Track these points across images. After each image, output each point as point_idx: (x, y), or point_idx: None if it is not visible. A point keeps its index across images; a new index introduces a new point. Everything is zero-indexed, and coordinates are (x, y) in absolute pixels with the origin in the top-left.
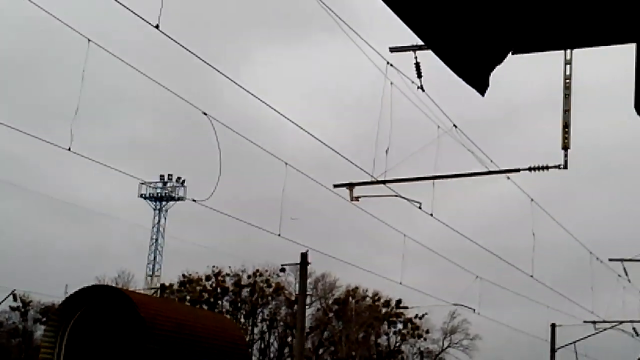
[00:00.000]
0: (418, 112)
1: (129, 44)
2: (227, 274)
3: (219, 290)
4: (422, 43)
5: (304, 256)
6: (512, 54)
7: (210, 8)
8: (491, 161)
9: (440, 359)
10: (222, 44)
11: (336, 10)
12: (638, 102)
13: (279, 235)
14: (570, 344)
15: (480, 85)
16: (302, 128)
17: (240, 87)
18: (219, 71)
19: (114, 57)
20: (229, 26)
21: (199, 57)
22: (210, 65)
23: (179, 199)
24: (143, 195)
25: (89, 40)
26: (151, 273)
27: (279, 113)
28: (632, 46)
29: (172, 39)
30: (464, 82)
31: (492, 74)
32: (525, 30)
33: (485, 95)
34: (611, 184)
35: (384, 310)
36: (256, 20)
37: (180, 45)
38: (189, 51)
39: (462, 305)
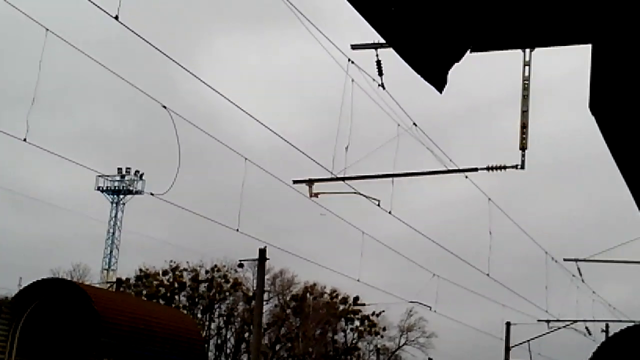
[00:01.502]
0: (378, 109)
1: (88, 35)
2: (185, 269)
3: (176, 285)
4: (384, 41)
5: (262, 252)
6: (471, 52)
7: (171, 0)
8: (450, 160)
9: (397, 356)
10: (182, 35)
11: (298, 4)
12: (593, 102)
13: (237, 230)
14: (525, 342)
15: (438, 82)
16: (261, 123)
17: (200, 80)
18: (178, 64)
19: (72, 47)
20: (189, 18)
21: (158, 49)
22: (169, 57)
23: (137, 192)
24: (100, 188)
25: (47, 29)
26: (107, 267)
27: (238, 107)
28: (588, 47)
29: (131, 30)
30: (422, 80)
31: (450, 72)
32: (483, 28)
33: (443, 92)
34: (567, 184)
35: (341, 307)
36: (217, 12)
37: (140, 36)
38: (149, 43)
39: (419, 302)
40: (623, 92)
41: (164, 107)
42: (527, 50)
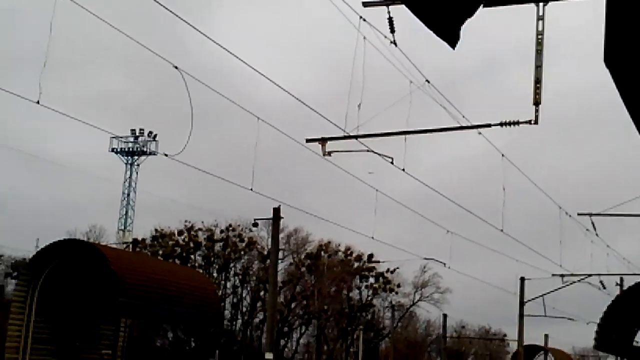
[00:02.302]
0: (391, 67)
1: None
2: (200, 229)
3: (191, 245)
4: None
5: (276, 211)
6: (483, 6)
7: None
8: (463, 116)
9: (412, 312)
10: None
11: None
12: (608, 55)
13: (251, 189)
14: (539, 297)
15: (451, 38)
16: (273, 82)
17: (211, 39)
18: (188, 23)
19: (83, 8)
20: None
21: (168, 9)
22: (180, 17)
23: (151, 153)
24: (114, 150)
25: None
26: (123, 228)
27: (249, 66)
28: (603, 0)
29: None
30: (435, 36)
31: (463, 27)
32: None
33: (455, 48)
34: (581, 139)
35: (355, 264)
36: None
37: None
38: (159, 3)
39: (433, 259)
40: (638, 45)
41: (175, 67)
42: (541, 4)
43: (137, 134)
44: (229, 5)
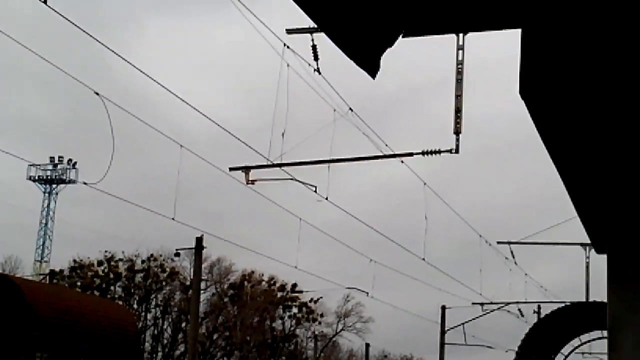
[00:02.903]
0: (315, 94)
1: (18, 20)
2: (120, 259)
3: (111, 275)
4: None
5: (198, 240)
6: (403, 36)
7: None
8: (386, 145)
9: (334, 342)
10: (114, 20)
11: None
12: (523, 87)
13: (173, 219)
14: (460, 325)
15: (371, 67)
16: (196, 109)
17: (134, 66)
18: (111, 49)
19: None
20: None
21: (90, 35)
22: (101, 42)
23: (70, 181)
24: (32, 178)
25: None
26: (40, 258)
27: (172, 93)
28: (518, 32)
29: (61, 15)
30: (355, 65)
31: (383, 57)
32: (414, 13)
33: (376, 78)
34: (502, 167)
35: (279, 294)
36: None
37: (70, 21)
38: (80, 28)
39: (356, 288)
40: (552, 77)
41: (97, 93)
42: (461, 35)
43: (56, 162)
44: (151, 30)
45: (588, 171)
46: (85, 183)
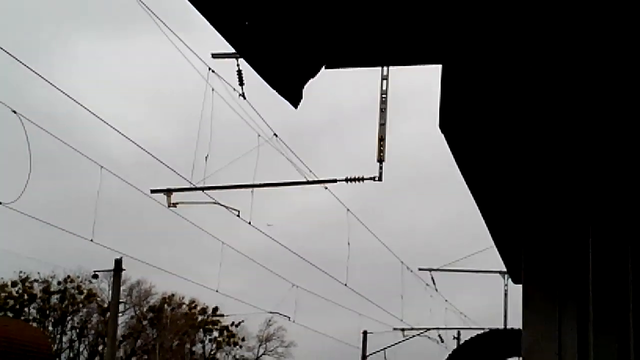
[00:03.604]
0: (239, 119)
1: None
2: (36, 280)
3: (25, 297)
4: None
5: (117, 263)
6: (325, 68)
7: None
8: (310, 171)
9: None
10: (36, 39)
11: (156, 9)
12: (443, 121)
13: (92, 240)
14: (381, 350)
15: (293, 97)
16: (118, 130)
17: (52, 85)
18: (30, 68)
19: None
20: (42, 20)
21: (7, 52)
22: (20, 61)
23: None
24: None
25: None
26: None
27: (93, 114)
28: (438, 67)
29: None
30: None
31: (306, 87)
32: (336, 47)
33: (298, 107)
34: (423, 196)
35: (200, 318)
36: (71, 14)
37: None
38: (1, 48)
39: (278, 313)
40: (470, 112)
41: (14, 112)
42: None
43: None
44: (73, 50)
45: (503, 204)
46: (0, 203)
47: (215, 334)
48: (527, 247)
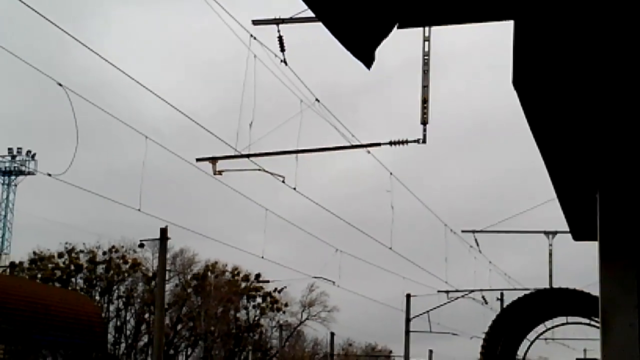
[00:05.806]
0: (281, 85)
1: None
2: (82, 251)
3: (72, 267)
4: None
5: (163, 231)
6: (398, 28)
7: None
8: (352, 135)
9: (299, 331)
10: (79, 8)
11: None
12: (516, 78)
13: (139, 210)
14: (424, 313)
15: (367, 59)
16: (163, 99)
17: (98, 54)
18: (76, 39)
19: None
20: None
21: (53, 24)
22: (67, 33)
23: (29, 173)
24: None
25: None
26: None
27: (138, 82)
28: (510, 23)
29: (23, 2)
30: (352, 56)
31: (378, 48)
32: (410, 5)
33: (371, 68)
34: (467, 157)
35: (243, 284)
36: None
37: (33, 9)
38: (42, 16)
39: (322, 277)
40: (544, 68)
41: (60, 84)
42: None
43: (14, 153)
44: (121, 22)
45: (573, 161)
46: (49, 174)
47: (259, 300)
48: (604, 200)
